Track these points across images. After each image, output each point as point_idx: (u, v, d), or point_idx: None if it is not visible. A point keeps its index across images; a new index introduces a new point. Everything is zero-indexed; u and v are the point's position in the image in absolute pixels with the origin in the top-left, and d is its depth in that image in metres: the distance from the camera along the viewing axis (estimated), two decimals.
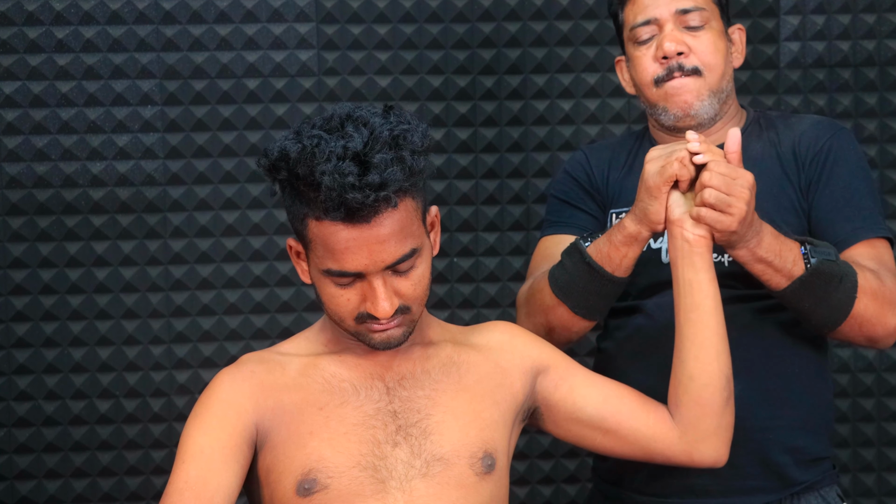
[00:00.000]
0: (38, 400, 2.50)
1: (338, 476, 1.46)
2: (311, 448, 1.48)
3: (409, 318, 1.51)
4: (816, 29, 2.59)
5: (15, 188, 2.48)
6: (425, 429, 1.51)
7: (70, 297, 2.50)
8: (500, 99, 2.58)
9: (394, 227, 1.43)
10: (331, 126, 1.45)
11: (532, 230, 2.58)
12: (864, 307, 1.65)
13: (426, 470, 1.49)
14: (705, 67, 1.78)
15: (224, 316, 2.54)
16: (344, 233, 1.42)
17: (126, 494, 2.52)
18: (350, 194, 1.38)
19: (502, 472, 1.56)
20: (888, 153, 2.61)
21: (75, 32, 2.48)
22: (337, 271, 1.45)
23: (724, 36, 1.82)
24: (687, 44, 1.78)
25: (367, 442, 1.49)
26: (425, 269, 1.50)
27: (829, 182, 1.77)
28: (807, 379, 1.76)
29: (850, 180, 1.77)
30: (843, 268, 1.64)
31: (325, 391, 1.52)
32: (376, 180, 1.38)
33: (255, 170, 2.52)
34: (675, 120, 1.79)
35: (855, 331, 1.68)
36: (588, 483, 2.61)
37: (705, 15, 1.79)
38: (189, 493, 1.44)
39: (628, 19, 1.83)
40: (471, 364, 1.59)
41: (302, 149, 1.41)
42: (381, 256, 1.43)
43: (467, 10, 2.55)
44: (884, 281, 1.68)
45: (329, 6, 2.53)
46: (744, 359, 1.70)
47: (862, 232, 1.74)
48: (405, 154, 1.42)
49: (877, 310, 1.66)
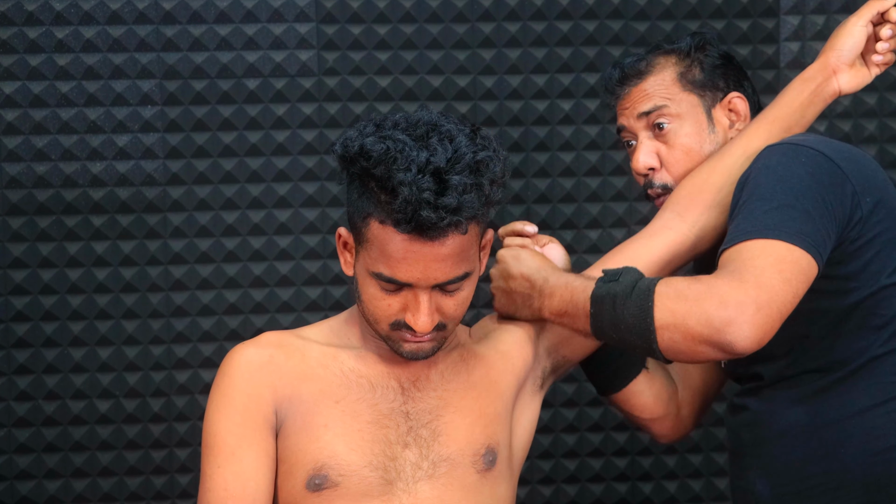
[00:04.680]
0: (38, 400, 2.50)
1: (349, 475, 1.47)
2: (325, 442, 1.49)
3: (442, 334, 1.51)
4: (816, 29, 2.59)
5: (15, 188, 2.48)
6: (435, 430, 1.53)
7: (70, 297, 2.50)
8: (500, 99, 2.58)
9: (455, 249, 1.42)
10: (416, 133, 1.42)
11: None
12: (667, 311, 1.45)
13: (432, 471, 1.50)
14: (674, 179, 1.75)
15: (224, 316, 2.54)
16: (405, 244, 1.41)
17: (126, 494, 2.52)
18: (424, 211, 1.37)
19: (503, 466, 1.57)
20: (888, 153, 2.61)
21: (75, 32, 2.48)
22: (387, 277, 1.44)
23: (701, 123, 1.76)
24: (658, 156, 1.76)
25: (380, 441, 1.50)
26: (470, 292, 1.50)
27: (735, 211, 1.57)
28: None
29: (752, 191, 1.54)
30: (626, 284, 1.50)
31: (342, 385, 1.53)
32: (452, 203, 1.37)
33: (255, 169, 2.52)
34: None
35: (685, 342, 1.45)
36: (588, 483, 2.62)
37: (669, 112, 1.76)
38: (232, 503, 1.48)
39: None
40: (476, 360, 1.61)
41: (385, 150, 1.39)
42: (434, 274, 1.43)
43: (467, 10, 2.55)
44: (704, 281, 1.46)
45: (329, 6, 2.53)
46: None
47: (726, 244, 1.53)
48: (484, 182, 1.41)
49: (686, 308, 1.44)
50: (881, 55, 1.69)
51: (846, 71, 1.69)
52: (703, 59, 1.79)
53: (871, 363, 1.56)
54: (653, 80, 1.79)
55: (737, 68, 1.83)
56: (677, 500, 2.63)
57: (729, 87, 1.80)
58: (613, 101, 1.84)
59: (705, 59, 1.79)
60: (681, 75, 1.78)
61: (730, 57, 1.83)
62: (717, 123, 1.77)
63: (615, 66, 1.84)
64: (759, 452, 1.64)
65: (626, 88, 1.81)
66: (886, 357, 1.57)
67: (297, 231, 2.54)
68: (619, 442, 2.62)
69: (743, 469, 1.68)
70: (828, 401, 1.57)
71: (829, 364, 1.56)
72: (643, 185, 1.81)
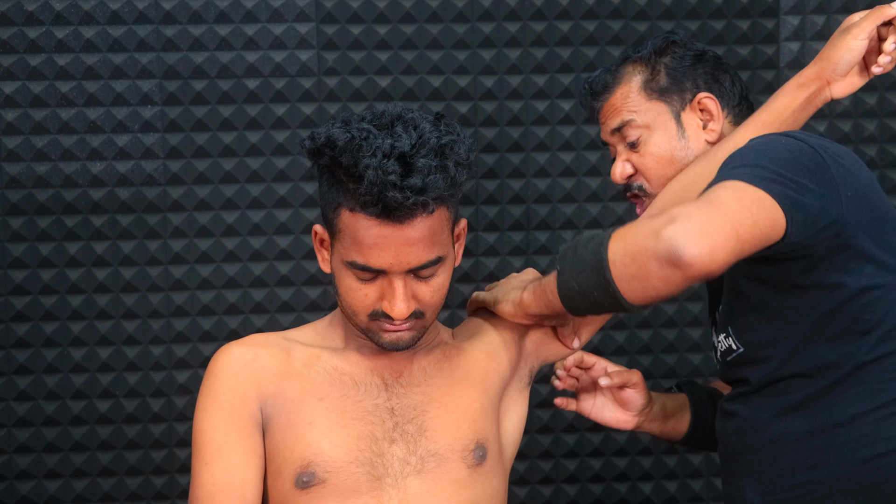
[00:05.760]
0: (38, 400, 2.50)
1: (335, 471, 1.49)
2: (310, 439, 1.51)
3: (421, 323, 1.54)
4: (816, 29, 2.59)
5: (15, 188, 2.48)
6: (420, 425, 1.55)
7: (70, 297, 2.50)
8: (500, 99, 2.58)
9: (425, 232, 1.45)
10: (381, 123, 1.47)
11: (532, 230, 2.58)
12: (618, 238, 1.42)
13: (421, 467, 1.52)
14: (651, 185, 1.77)
15: (224, 316, 2.54)
16: (375, 229, 1.44)
17: (126, 494, 2.52)
18: (390, 192, 1.40)
19: (494, 461, 1.59)
20: (888, 153, 2.61)
21: (75, 32, 2.48)
22: (361, 265, 1.46)
23: (670, 130, 1.76)
24: (633, 165, 1.78)
25: (365, 438, 1.52)
26: (445, 279, 1.53)
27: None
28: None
29: (726, 162, 1.51)
30: (587, 234, 1.51)
31: (326, 382, 1.56)
32: (417, 184, 1.41)
33: (254, 169, 2.53)
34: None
35: (635, 264, 1.38)
36: (588, 483, 2.62)
37: (636, 125, 1.76)
38: (220, 497, 1.49)
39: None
40: (460, 357, 1.64)
41: (350, 139, 1.43)
42: (407, 258, 1.45)
43: (467, 10, 2.55)
44: (656, 217, 1.39)
45: (329, 6, 2.53)
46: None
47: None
48: (449, 164, 1.44)
49: (635, 230, 1.41)
50: (881, 67, 1.67)
51: (840, 81, 1.68)
52: (668, 64, 1.78)
53: (859, 371, 1.55)
54: (619, 93, 1.79)
55: (709, 64, 1.80)
56: (677, 500, 2.63)
57: (698, 88, 1.77)
58: (592, 114, 1.87)
59: (670, 62, 1.78)
60: (645, 84, 1.78)
61: (701, 54, 1.80)
62: (687, 127, 1.76)
63: (585, 82, 1.86)
64: (748, 460, 1.64)
65: (598, 103, 1.82)
66: (873, 364, 1.55)
67: (297, 231, 2.54)
68: (619, 442, 2.62)
69: (733, 475, 1.68)
70: (816, 409, 1.56)
71: (815, 369, 1.55)
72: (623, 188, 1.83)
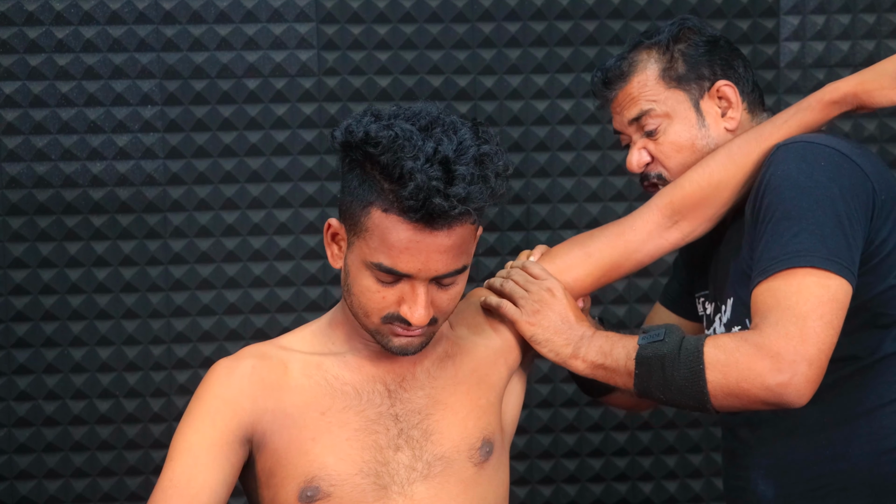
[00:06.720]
0: (38, 400, 2.50)
1: (340, 484, 1.45)
2: (314, 455, 1.47)
3: (432, 329, 1.49)
4: (816, 29, 2.59)
5: (15, 188, 2.48)
6: (426, 429, 1.51)
7: (70, 297, 2.50)
8: (500, 99, 2.58)
9: (456, 241, 1.41)
10: (420, 124, 1.40)
11: (532, 230, 2.58)
12: (719, 375, 1.46)
13: (427, 471, 1.49)
14: (669, 172, 1.74)
15: (224, 316, 2.54)
16: (409, 233, 1.39)
17: (126, 494, 2.52)
18: (436, 199, 1.35)
19: (500, 452, 1.57)
20: (888, 153, 2.61)
21: (75, 32, 2.48)
22: (387, 268, 1.41)
23: (690, 119, 1.73)
24: (650, 153, 1.75)
25: (370, 448, 1.48)
26: (462, 287, 1.49)
27: (760, 226, 1.54)
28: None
29: (776, 207, 1.52)
30: (672, 345, 1.50)
31: (327, 395, 1.51)
32: (461, 193, 1.36)
33: (255, 169, 2.52)
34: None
35: (741, 404, 1.47)
36: (588, 483, 2.62)
37: (656, 114, 1.73)
38: (173, 492, 1.43)
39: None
40: (463, 354, 1.60)
41: (393, 137, 1.37)
42: (435, 265, 1.41)
43: (467, 10, 2.55)
44: (750, 340, 1.46)
45: (329, 6, 2.53)
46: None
47: (759, 275, 1.50)
48: (489, 174, 1.40)
49: (739, 373, 1.45)
50: None
51: (890, 89, 1.60)
52: (685, 51, 1.75)
53: (880, 363, 1.56)
54: (636, 81, 1.76)
55: (724, 51, 1.77)
56: (677, 500, 2.63)
57: (716, 75, 1.75)
58: (605, 103, 1.83)
59: (686, 49, 1.75)
60: (663, 72, 1.75)
61: (714, 41, 1.78)
62: (706, 115, 1.74)
63: (598, 70, 1.82)
64: (762, 451, 1.63)
65: (612, 92, 1.78)
66: (894, 357, 1.56)
67: (297, 231, 2.54)
68: (619, 442, 2.62)
69: (741, 469, 1.67)
70: (835, 400, 1.56)
71: (834, 361, 1.54)
72: (640, 177, 1.80)
